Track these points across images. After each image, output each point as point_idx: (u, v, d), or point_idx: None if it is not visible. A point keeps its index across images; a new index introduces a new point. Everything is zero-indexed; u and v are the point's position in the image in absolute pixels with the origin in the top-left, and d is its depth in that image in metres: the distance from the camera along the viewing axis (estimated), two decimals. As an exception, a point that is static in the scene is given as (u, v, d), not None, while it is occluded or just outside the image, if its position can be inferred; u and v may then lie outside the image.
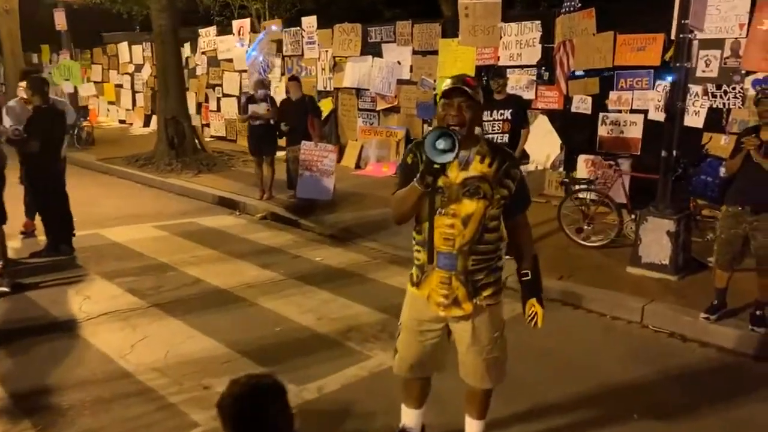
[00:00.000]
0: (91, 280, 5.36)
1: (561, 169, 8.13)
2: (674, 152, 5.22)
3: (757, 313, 4.30)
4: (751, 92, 6.27)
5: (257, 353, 3.99)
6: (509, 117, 6.01)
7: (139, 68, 16.63)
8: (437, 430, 3.05)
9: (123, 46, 16.89)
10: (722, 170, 4.65)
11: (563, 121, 8.20)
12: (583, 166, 7.72)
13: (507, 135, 6.01)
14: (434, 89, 9.45)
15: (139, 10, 18.21)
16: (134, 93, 17.12)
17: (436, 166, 2.22)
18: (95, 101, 17.96)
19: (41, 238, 6.25)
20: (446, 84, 2.42)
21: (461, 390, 2.79)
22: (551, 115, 8.26)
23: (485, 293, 2.49)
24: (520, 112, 6.14)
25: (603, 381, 3.79)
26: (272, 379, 1.65)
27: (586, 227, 6.17)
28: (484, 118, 6.15)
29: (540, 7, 15.67)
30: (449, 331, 2.62)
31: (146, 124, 16.64)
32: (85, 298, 4.91)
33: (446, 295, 2.47)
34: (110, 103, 18.04)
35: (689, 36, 5.03)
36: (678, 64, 5.09)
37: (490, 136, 6.13)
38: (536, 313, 2.51)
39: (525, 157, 8.23)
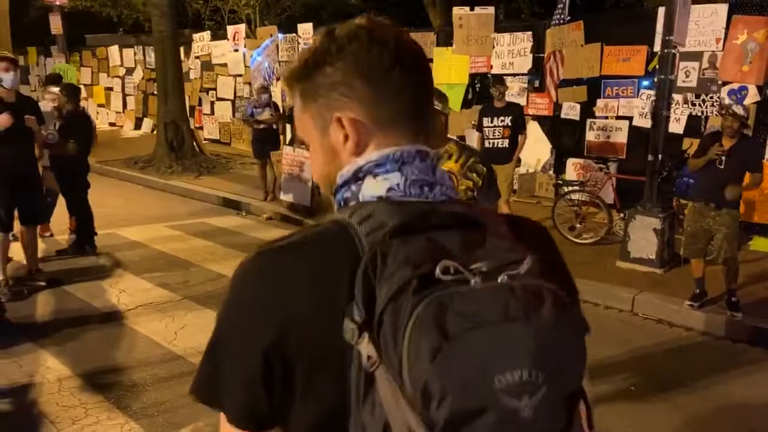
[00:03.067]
0: (120, 275, 5.69)
1: (551, 172, 8.64)
2: (659, 156, 5.73)
3: (732, 299, 4.82)
4: (727, 101, 6.82)
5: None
6: (509, 123, 6.49)
7: (130, 71, 16.81)
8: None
9: (114, 50, 17.06)
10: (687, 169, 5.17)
11: (553, 126, 8.71)
12: (572, 169, 8.24)
13: (507, 140, 6.48)
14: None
15: (129, 13, 18.43)
16: (125, 96, 17.29)
17: None
18: (84, 104, 18.06)
19: (61, 237, 6.55)
20: None
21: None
22: (542, 121, 8.76)
23: None
24: (519, 118, 6.62)
25: (601, 361, 4.25)
26: None
27: (578, 226, 6.67)
28: (486, 124, 6.62)
29: (522, 15, 16.30)
30: None
31: (137, 126, 16.85)
32: (120, 291, 5.25)
33: None
34: (100, 105, 18.18)
35: (672, 51, 5.55)
36: (662, 77, 5.61)
37: (491, 141, 6.60)
38: None
39: (517, 161, 8.75)
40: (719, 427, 3.54)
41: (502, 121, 6.50)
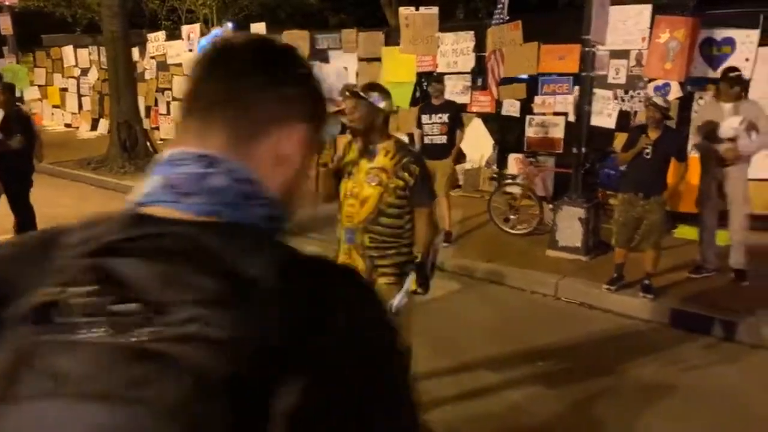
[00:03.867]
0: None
1: (494, 167, 8.94)
2: (583, 149, 6.05)
3: (646, 282, 5.15)
4: (657, 97, 7.19)
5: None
6: (447, 120, 6.71)
7: (85, 72, 16.66)
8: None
9: (68, 50, 16.87)
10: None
11: (495, 123, 9.02)
12: (513, 164, 8.55)
13: (445, 137, 6.72)
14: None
15: (83, 13, 18.25)
16: (80, 96, 17.12)
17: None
18: (39, 105, 17.84)
19: (3, 237, 6.56)
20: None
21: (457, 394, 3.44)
22: (485, 117, 9.05)
23: (382, 270, 2.98)
24: (456, 115, 6.87)
25: (520, 341, 4.53)
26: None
27: (512, 217, 6.96)
28: (424, 121, 6.86)
29: (479, 16, 16.65)
30: None
31: (94, 127, 16.69)
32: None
33: (347, 264, 3.07)
34: (55, 106, 17.96)
35: (592, 49, 5.87)
36: (584, 74, 5.92)
37: (430, 137, 6.83)
38: (416, 290, 3.04)
39: (462, 156, 9.02)
40: (631, 405, 3.80)
41: (440, 118, 6.74)
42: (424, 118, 6.86)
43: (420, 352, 4.18)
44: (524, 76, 8.57)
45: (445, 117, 6.72)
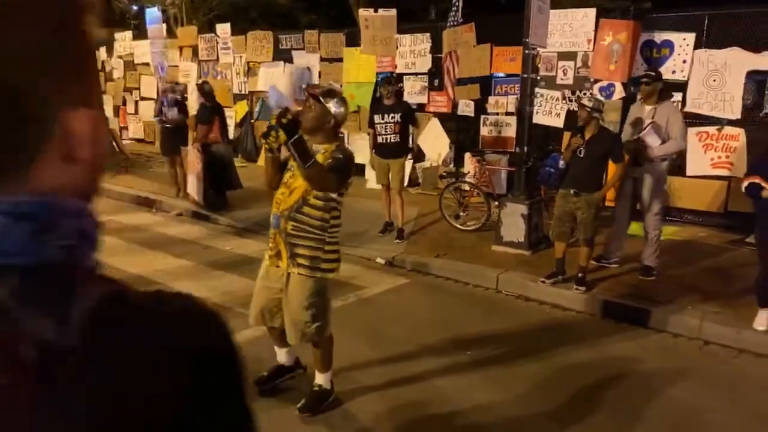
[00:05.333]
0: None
1: (451, 166, 9.16)
2: (525, 148, 6.29)
3: (580, 275, 5.39)
4: (599, 97, 7.46)
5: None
6: (399, 119, 6.87)
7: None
8: (448, 424, 3.64)
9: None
10: (561, 162, 5.73)
11: (452, 122, 9.25)
12: (469, 162, 8.78)
13: (398, 135, 6.88)
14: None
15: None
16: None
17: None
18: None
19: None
20: None
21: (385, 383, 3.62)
22: (442, 117, 9.28)
23: (299, 260, 3.17)
24: (409, 114, 7.03)
25: (454, 332, 4.74)
26: None
27: (462, 214, 7.19)
28: (377, 121, 7.01)
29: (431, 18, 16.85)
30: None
31: (62, 127, 16.62)
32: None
33: (272, 247, 3.28)
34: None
35: (532, 52, 6.11)
36: (525, 75, 6.16)
37: (383, 137, 7.00)
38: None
39: (421, 154, 9.25)
40: (558, 389, 4.01)
41: (392, 117, 6.90)
42: (377, 118, 7.03)
43: (354, 344, 4.41)
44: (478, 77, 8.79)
45: (397, 116, 6.90)
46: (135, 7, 17.17)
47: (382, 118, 6.96)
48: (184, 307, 0.62)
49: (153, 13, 10.76)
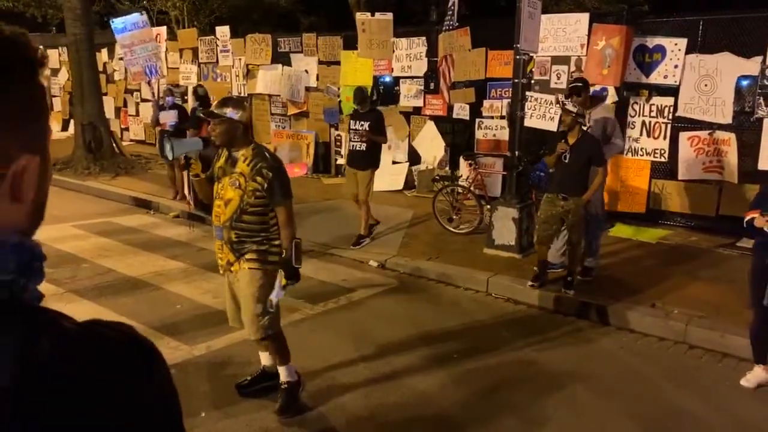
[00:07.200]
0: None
1: (447, 168, 9.22)
2: (516, 152, 6.34)
3: (568, 278, 5.44)
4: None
5: (158, 325, 4.76)
6: (367, 128, 6.79)
7: (55, 72, 16.73)
8: (425, 425, 3.73)
9: (38, 51, 16.88)
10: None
11: (447, 125, 9.31)
12: (464, 165, 8.84)
13: (365, 144, 6.76)
14: (338, 96, 10.36)
15: (55, 13, 18.27)
16: (51, 97, 17.15)
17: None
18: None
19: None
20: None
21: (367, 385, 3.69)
22: (437, 120, 9.34)
23: (248, 256, 3.33)
24: (378, 123, 6.87)
25: (441, 335, 4.79)
26: None
27: (455, 217, 7.24)
28: (351, 127, 6.88)
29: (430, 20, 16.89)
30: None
31: (64, 128, 16.73)
32: (5, 287, 5.51)
33: (221, 258, 3.40)
34: (25, 107, 17.94)
35: (523, 57, 6.16)
36: (515, 80, 6.21)
37: (352, 144, 6.94)
38: (285, 284, 3.32)
39: (417, 157, 9.24)
40: (523, 384, 4.09)
41: (361, 125, 6.77)
42: (351, 124, 6.94)
43: (339, 345, 4.48)
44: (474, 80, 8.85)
45: (366, 125, 6.74)
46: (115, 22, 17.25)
47: (354, 125, 6.87)
48: (118, 342, 0.64)
49: (133, 18, 10.26)
